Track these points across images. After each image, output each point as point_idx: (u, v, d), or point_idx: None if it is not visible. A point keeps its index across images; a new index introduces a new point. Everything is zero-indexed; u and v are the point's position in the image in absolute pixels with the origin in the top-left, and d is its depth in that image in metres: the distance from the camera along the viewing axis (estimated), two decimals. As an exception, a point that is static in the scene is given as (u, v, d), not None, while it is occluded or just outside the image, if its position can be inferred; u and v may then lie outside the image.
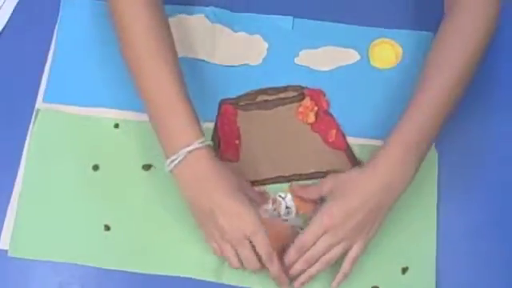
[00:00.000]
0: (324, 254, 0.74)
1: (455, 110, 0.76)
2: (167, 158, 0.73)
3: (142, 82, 0.76)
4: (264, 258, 0.73)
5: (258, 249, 0.73)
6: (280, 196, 0.74)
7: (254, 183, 0.81)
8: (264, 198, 0.77)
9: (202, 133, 0.74)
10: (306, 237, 0.73)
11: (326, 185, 0.76)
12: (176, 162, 0.72)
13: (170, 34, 0.79)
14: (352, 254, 0.74)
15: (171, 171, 0.74)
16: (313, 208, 0.76)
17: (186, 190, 0.74)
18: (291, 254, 0.74)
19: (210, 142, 0.74)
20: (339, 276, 0.75)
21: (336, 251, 0.74)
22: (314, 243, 0.73)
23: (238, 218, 0.72)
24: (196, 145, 0.72)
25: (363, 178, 0.74)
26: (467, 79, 0.76)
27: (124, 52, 0.77)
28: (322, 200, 0.76)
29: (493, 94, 0.87)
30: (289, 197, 0.75)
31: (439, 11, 0.83)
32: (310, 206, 0.76)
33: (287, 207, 0.74)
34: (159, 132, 0.75)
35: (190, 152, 0.72)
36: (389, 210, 0.74)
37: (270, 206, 0.73)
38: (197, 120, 0.75)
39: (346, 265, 0.75)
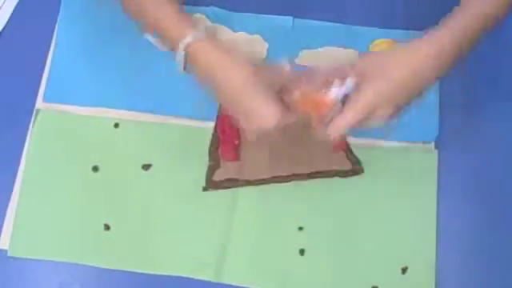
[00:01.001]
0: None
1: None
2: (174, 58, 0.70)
3: None
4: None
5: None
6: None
7: (253, 183, 0.82)
8: (297, 78, 0.71)
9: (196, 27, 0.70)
10: (342, 121, 0.67)
11: (357, 66, 0.68)
12: (182, 57, 0.69)
13: None
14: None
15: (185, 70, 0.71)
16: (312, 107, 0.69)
17: (202, 83, 0.71)
18: (319, 124, 0.69)
19: (204, 34, 0.70)
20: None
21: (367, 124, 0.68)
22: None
23: (251, 116, 0.67)
24: (191, 37, 0.68)
25: (407, 51, 0.67)
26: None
27: None
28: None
29: (493, 93, 0.87)
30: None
31: (439, 11, 0.83)
32: (310, 104, 0.69)
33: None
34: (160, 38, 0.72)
35: (189, 46, 0.69)
36: (425, 90, 0.67)
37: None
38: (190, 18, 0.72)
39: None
